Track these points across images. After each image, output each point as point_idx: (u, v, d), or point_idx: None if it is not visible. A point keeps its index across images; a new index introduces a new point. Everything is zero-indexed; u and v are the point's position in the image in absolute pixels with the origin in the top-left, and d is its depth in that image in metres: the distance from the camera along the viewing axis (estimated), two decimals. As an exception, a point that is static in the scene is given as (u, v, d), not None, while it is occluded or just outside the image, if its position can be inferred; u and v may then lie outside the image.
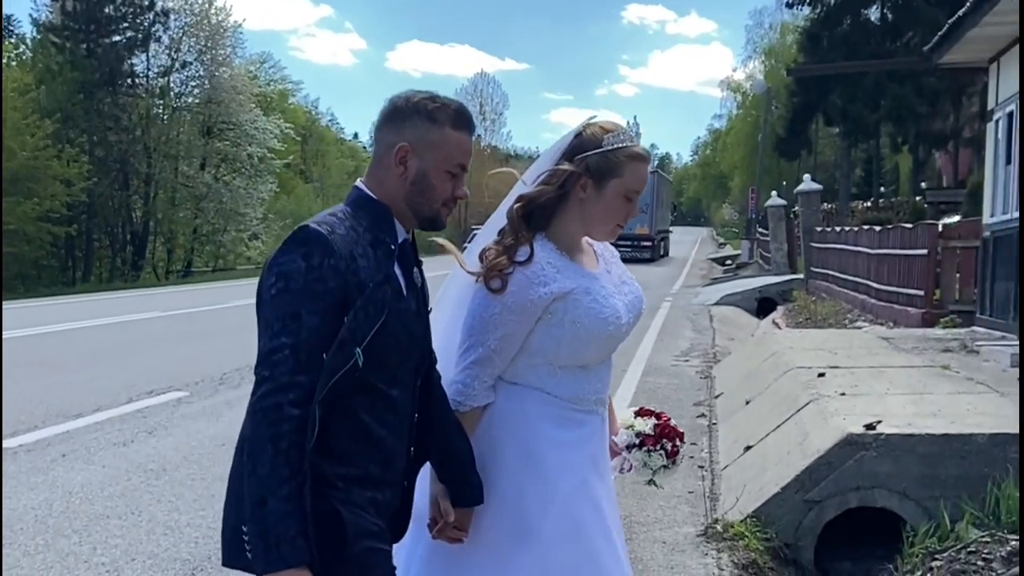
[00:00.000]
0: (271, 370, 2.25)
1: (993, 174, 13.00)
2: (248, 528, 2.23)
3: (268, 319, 2.30)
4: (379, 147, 2.53)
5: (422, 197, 2.49)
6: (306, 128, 76.86)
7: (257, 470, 2.21)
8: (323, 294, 2.29)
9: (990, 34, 12.04)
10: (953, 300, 14.71)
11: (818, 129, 51.43)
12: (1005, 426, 6.28)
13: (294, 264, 2.29)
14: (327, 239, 2.33)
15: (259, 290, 2.38)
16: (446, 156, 2.49)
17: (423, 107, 2.49)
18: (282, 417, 2.21)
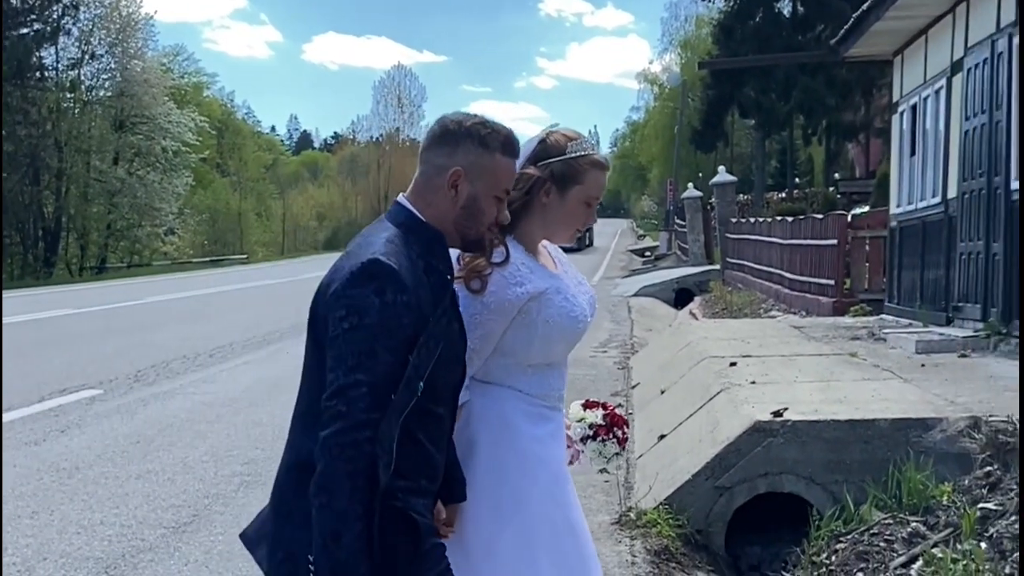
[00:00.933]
0: (348, 406, 2.26)
1: (899, 165, 13.33)
2: (318, 560, 2.26)
3: (342, 354, 2.29)
4: (428, 168, 2.54)
5: (471, 221, 2.53)
6: (222, 121, 75.78)
7: (332, 504, 2.24)
8: (396, 330, 2.32)
9: (894, 28, 12.33)
10: (863, 289, 15.07)
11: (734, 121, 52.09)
12: (908, 411, 6.47)
13: (367, 300, 2.31)
14: (399, 274, 2.35)
15: (322, 317, 2.38)
16: (496, 182, 2.54)
17: (476, 132, 2.53)
18: (359, 455, 2.24)
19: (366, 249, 2.39)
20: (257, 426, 8.84)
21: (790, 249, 18.27)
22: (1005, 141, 9.56)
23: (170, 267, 49.30)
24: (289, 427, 2.52)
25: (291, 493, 2.41)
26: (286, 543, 2.40)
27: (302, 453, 2.38)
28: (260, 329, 16.07)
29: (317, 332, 2.40)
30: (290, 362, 12.69)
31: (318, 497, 2.25)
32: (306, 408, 2.44)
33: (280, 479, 2.47)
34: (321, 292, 2.41)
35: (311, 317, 2.42)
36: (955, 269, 10.85)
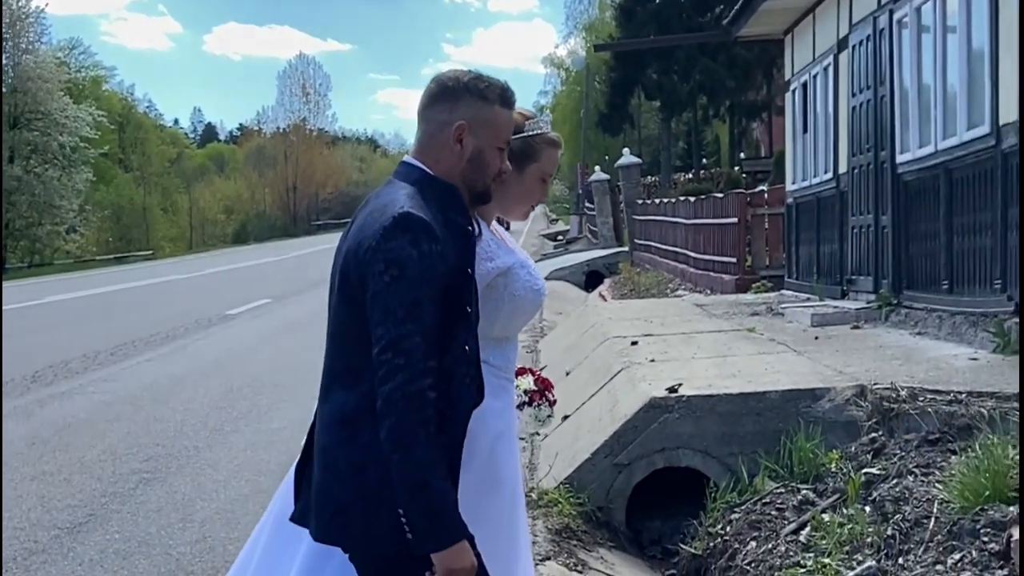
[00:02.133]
0: (406, 357, 2.33)
1: (792, 143, 13.58)
2: (410, 511, 2.34)
3: (388, 307, 2.35)
4: (430, 126, 2.61)
5: (477, 173, 2.61)
6: (123, 115, 74.34)
7: (412, 457, 2.31)
8: (435, 280, 2.39)
9: (783, 6, 12.55)
10: (764, 265, 15.33)
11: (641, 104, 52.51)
12: (798, 382, 6.63)
13: (405, 252, 2.37)
14: (431, 225, 2.42)
15: (356, 276, 2.44)
16: (497, 133, 2.62)
17: (474, 86, 2.60)
18: (426, 402, 2.33)
19: (391, 206, 2.45)
20: (159, 422, 8.75)
21: (694, 229, 18.52)
22: (889, 115, 9.80)
23: (73, 265, 48.23)
24: (325, 388, 2.56)
25: (338, 448, 2.47)
26: (335, 500, 2.46)
27: (346, 408, 2.45)
28: (163, 326, 15.83)
29: (351, 291, 2.45)
30: (194, 357, 12.59)
31: (396, 452, 2.32)
32: (345, 365, 2.49)
33: (323, 439, 2.52)
34: (351, 252, 2.46)
35: (342, 278, 2.48)
36: (848, 243, 11.11)
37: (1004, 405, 5.77)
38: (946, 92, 8.63)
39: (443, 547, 2.35)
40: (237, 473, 7.07)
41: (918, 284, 9.32)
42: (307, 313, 17.95)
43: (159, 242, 70.99)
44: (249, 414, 9.13)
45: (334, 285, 2.55)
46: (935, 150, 8.74)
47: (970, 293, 8.20)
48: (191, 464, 7.32)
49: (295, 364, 11.85)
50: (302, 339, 14.26)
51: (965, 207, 8.30)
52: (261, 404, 9.58)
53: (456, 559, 2.37)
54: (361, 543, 2.47)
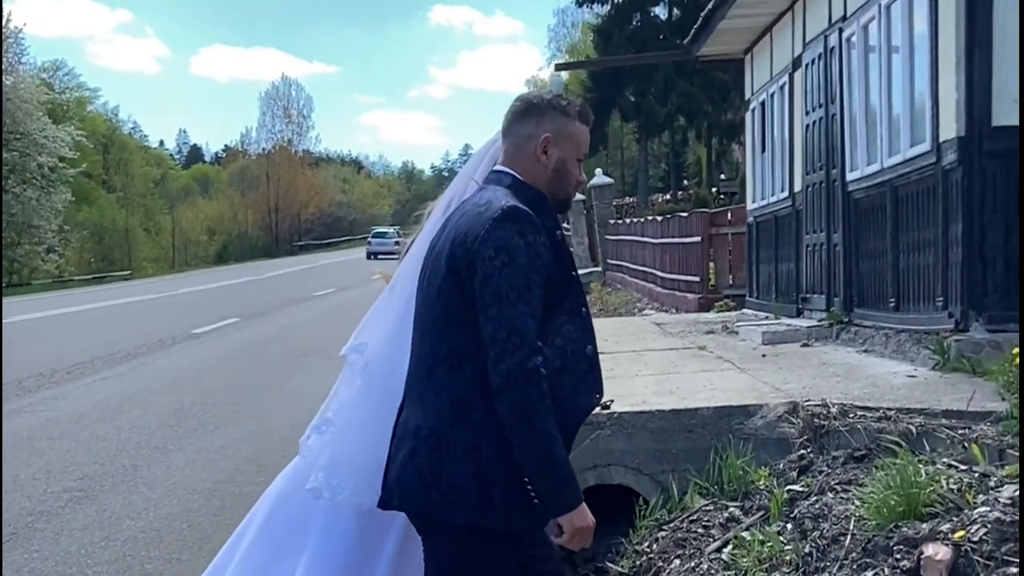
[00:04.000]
0: (520, 337, 2.51)
1: (752, 162, 13.60)
2: (537, 480, 2.56)
3: (499, 289, 2.53)
4: (518, 139, 2.83)
5: (561, 182, 2.82)
6: (106, 136, 74.33)
7: (535, 428, 2.50)
8: (541, 268, 2.60)
9: (740, 26, 12.59)
10: (728, 285, 15.34)
11: (623, 126, 52.65)
12: (732, 399, 6.59)
13: (513, 240, 2.56)
14: (533, 217, 2.61)
15: (464, 263, 2.60)
16: (577, 146, 2.85)
17: (556, 103, 2.84)
18: (542, 377, 2.51)
19: (496, 201, 2.64)
20: (101, 440, 8.67)
21: (661, 248, 18.52)
22: (839, 134, 9.82)
23: (51, 285, 48.00)
24: (423, 372, 2.70)
25: (450, 430, 2.62)
26: (446, 478, 2.62)
27: (455, 390, 2.62)
28: (125, 344, 15.73)
29: (458, 277, 2.62)
30: (150, 376, 12.50)
31: (519, 426, 2.51)
32: (449, 349, 2.64)
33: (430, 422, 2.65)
34: (458, 242, 2.63)
35: (449, 266, 2.63)
36: (803, 261, 11.11)
37: (932, 422, 5.75)
38: (891, 110, 8.65)
39: (570, 509, 2.60)
40: (170, 492, 7.00)
41: (868, 302, 9.32)
42: (274, 331, 17.94)
43: (141, 262, 70.75)
44: (195, 432, 9.06)
45: (436, 275, 2.70)
46: (881, 168, 8.76)
47: (915, 311, 8.20)
48: (125, 482, 7.25)
49: (250, 382, 11.77)
50: (263, 357, 14.23)
51: (910, 224, 8.31)
52: (209, 422, 9.50)
53: (581, 519, 2.65)
54: (475, 517, 2.61)
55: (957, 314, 7.38)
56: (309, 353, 14.25)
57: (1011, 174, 7.15)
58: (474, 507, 2.61)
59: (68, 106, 65.80)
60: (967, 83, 7.25)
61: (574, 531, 2.65)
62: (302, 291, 27.62)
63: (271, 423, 9.32)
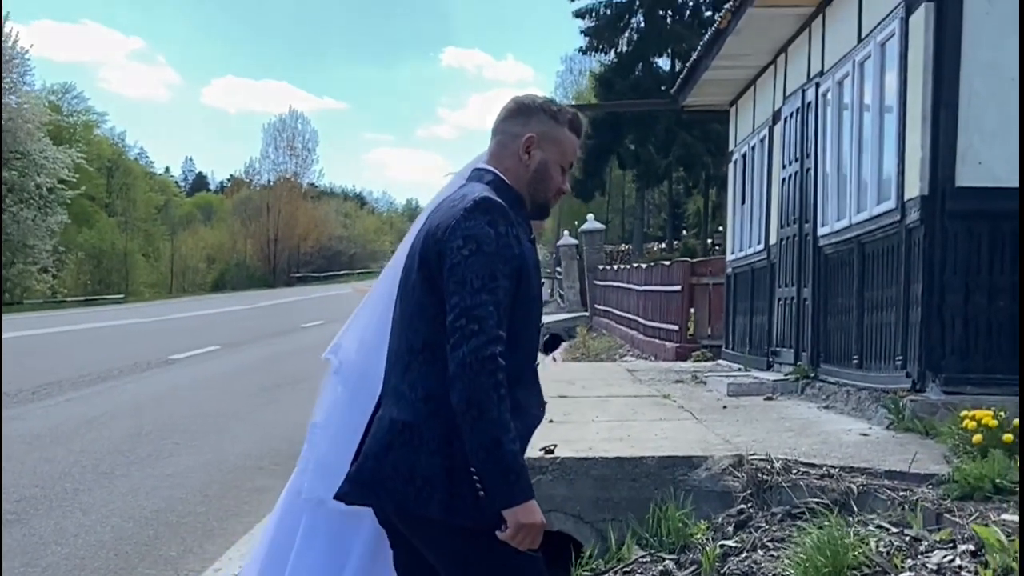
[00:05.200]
0: (480, 323, 2.47)
1: (732, 213, 13.56)
2: (483, 469, 2.48)
3: (464, 278, 2.50)
4: (504, 137, 2.83)
5: (540, 185, 2.80)
6: (112, 160, 74.59)
7: (485, 416, 2.44)
8: (510, 259, 2.56)
9: (724, 78, 12.60)
10: (706, 335, 15.27)
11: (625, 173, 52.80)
12: (680, 449, 6.50)
13: (482, 230, 2.54)
14: (507, 210, 2.60)
15: (434, 254, 2.59)
16: (562, 152, 2.83)
17: (547, 107, 2.84)
18: (498, 367, 2.45)
19: (471, 194, 2.63)
20: (48, 463, 8.55)
21: (644, 296, 18.47)
22: (812, 188, 9.78)
23: (42, 305, 47.92)
24: (399, 369, 2.68)
25: (424, 423, 2.60)
26: (421, 473, 2.59)
27: (429, 385, 2.59)
28: (98, 367, 15.63)
29: (429, 270, 2.61)
30: (114, 400, 12.40)
31: (468, 412, 2.45)
32: (423, 343, 2.62)
33: (405, 416, 2.63)
34: (430, 234, 2.62)
35: (420, 259, 2.63)
36: (775, 314, 11.04)
37: (873, 482, 5.67)
38: (860, 166, 8.62)
39: (514, 503, 2.49)
40: (105, 519, 6.87)
41: (833, 358, 9.24)
42: (253, 360, 17.84)
43: (139, 287, 70.84)
44: (146, 458, 8.94)
45: (410, 271, 2.70)
46: (849, 224, 8.72)
47: (876, 369, 8.13)
48: (61, 507, 7.11)
49: (216, 411, 11.66)
50: (235, 386, 14.13)
51: (874, 282, 8.25)
52: (164, 449, 9.38)
53: (526, 515, 2.52)
54: (446, 513, 2.56)
55: (914, 374, 7.31)
56: (283, 384, 14.15)
57: (973, 235, 7.11)
58: (445, 502, 2.57)
59: (74, 129, 66.12)
60: (932, 143, 7.23)
61: (518, 526, 2.53)
62: (290, 322, 27.47)
63: (227, 452, 9.20)
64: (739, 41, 11.10)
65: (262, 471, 8.39)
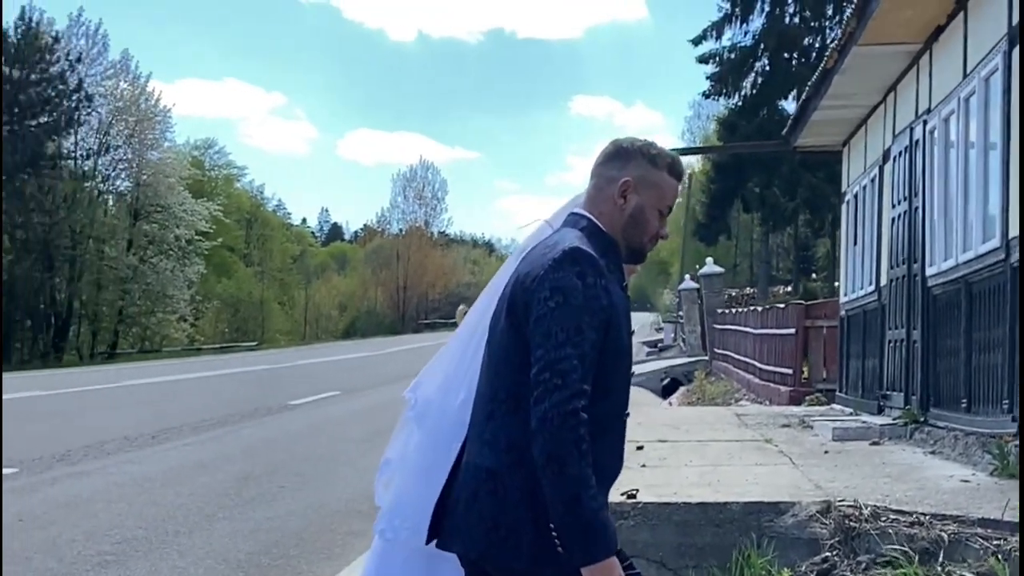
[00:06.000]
0: (563, 378, 2.42)
1: (845, 255, 13.28)
2: (562, 525, 2.43)
3: (549, 330, 2.47)
4: (600, 181, 2.78)
5: (635, 230, 2.73)
6: (250, 212, 76.90)
7: (565, 471, 2.39)
8: (598, 311, 2.51)
9: (834, 117, 12.38)
10: (821, 378, 14.91)
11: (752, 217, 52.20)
12: (768, 495, 6.34)
13: (570, 281, 2.50)
14: (597, 260, 2.56)
15: (522, 303, 2.57)
16: (660, 196, 2.76)
17: (646, 151, 2.77)
18: (580, 421, 2.40)
19: (562, 243, 2.59)
20: (154, 506, 8.77)
21: (760, 339, 18.16)
22: (921, 227, 9.52)
23: (180, 353, 49.51)
24: (484, 415, 2.66)
25: (508, 474, 2.57)
26: (507, 523, 2.55)
27: (512, 434, 2.55)
28: (219, 412, 16.05)
29: (516, 318, 2.57)
30: (230, 444, 12.71)
31: (549, 467, 2.41)
32: (508, 392, 2.59)
33: (489, 463, 2.61)
34: (519, 283, 2.60)
35: (509, 306, 2.61)
36: (885, 357, 10.74)
37: (965, 530, 5.44)
38: (967, 205, 8.36)
39: (594, 561, 2.42)
40: (199, 561, 7.01)
41: (943, 402, 8.93)
42: (369, 406, 18.07)
43: (274, 334, 72.67)
44: (251, 502, 9.11)
45: (499, 317, 2.67)
46: (956, 263, 8.45)
47: (983, 412, 7.83)
48: (160, 549, 7.29)
49: (326, 455, 11.86)
50: (348, 431, 14.33)
51: (981, 323, 7.97)
52: (268, 493, 9.56)
53: (606, 572, 2.44)
54: (530, 564, 2.53)
55: (1020, 418, 7.00)
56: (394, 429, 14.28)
57: (1079, 274, 6.81)
58: (531, 554, 2.54)
59: (216, 183, 68.52)
60: (1036, 177, 6.96)
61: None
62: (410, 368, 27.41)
63: (329, 497, 9.33)
64: (846, 80, 10.92)
65: (360, 515, 8.45)
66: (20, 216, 44.49)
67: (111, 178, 52.37)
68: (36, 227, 45.31)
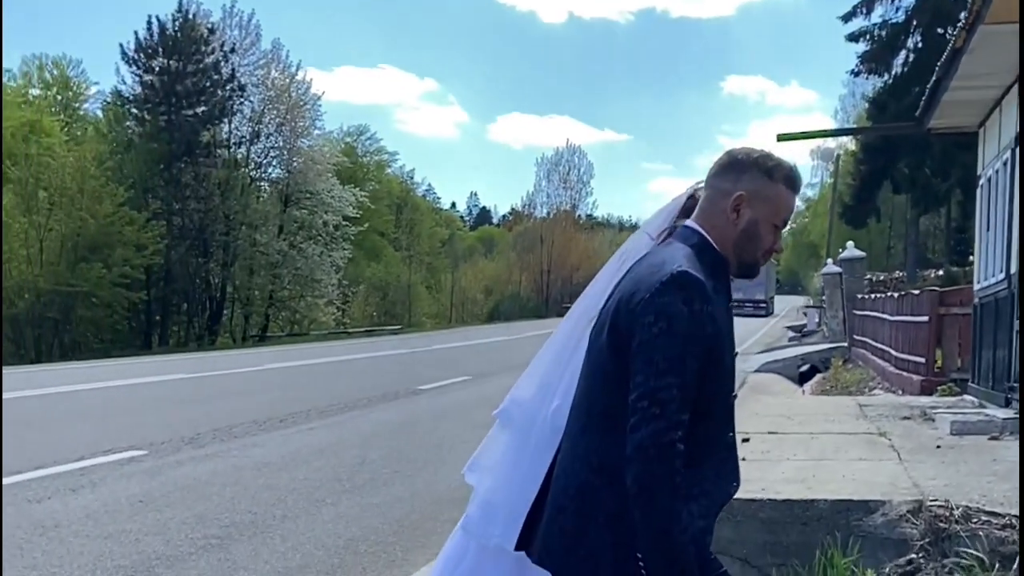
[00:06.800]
0: (662, 408, 2.41)
1: (979, 240, 12.77)
2: (649, 557, 2.43)
3: (652, 358, 2.45)
4: (713, 193, 2.71)
5: (749, 244, 2.68)
6: (400, 197, 78.10)
7: (656, 504, 2.39)
8: (702, 339, 2.47)
9: (966, 99, 11.90)
10: (955, 368, 14.38)
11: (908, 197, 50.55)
12: (861, 492, 6.19)
13: (676, 307, 2.46)
14: (704, 286, 2.51)
15: (625, 324, 2.53)
16: (775, 210, 2.69)
17: (762, 163, 2.69)
18: (676, 453, 2.40)
19: (670, 263, 2.54)
20: (268, 490, 9.03)
21: (895, 326, 17.60)
22: (1049, 213, 9.09)
23: (327, 336, 50.74)
24: (578, 428, 2.66)
25: (595, 493, 2.56)
26: (589, 542, 2.56)
27: (604, 454, 2.54)
28: (349, 396, 16.41)
29: (619, 338, 2.53)
30: (353, 429, 12.99)
31: (641, 497, 2.39)
32: (603, 410, 2.57)
33: (579, 480, 2.61)
34: (624, 301, 2.55)
35: (611, 325, 2.56)
36: (1014, 347, 10.30)
37: (1057, 535, 5.21)
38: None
39: None
40: (299, 546, 7.20)
41: (1069, 396, 8.52)
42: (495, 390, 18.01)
43: (420, 318, 73.73)
44: (361, 487, 9.31)
45: (600, 332, 2.62)
46: (1081, 251, 8.03)
47: (1105, 409, 7.43)
48: (264, 533, 7.51)
49: (442, 442, 12.02)
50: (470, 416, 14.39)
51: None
52: (380, 478, 9.75)
53: None
54: None
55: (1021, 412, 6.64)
56: (517, 415, 14.35)
57: None
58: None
59: (367, 169, 69.86)
60: None
61: None
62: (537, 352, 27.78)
63: (436, 484, 9.46)
64: (975, 60, 10.46)
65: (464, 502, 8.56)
66: (177, 203, 46.25)
67: (263, 165, 53.96)
68: (192, 214, 47.04)
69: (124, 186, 41.37)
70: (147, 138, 45.76)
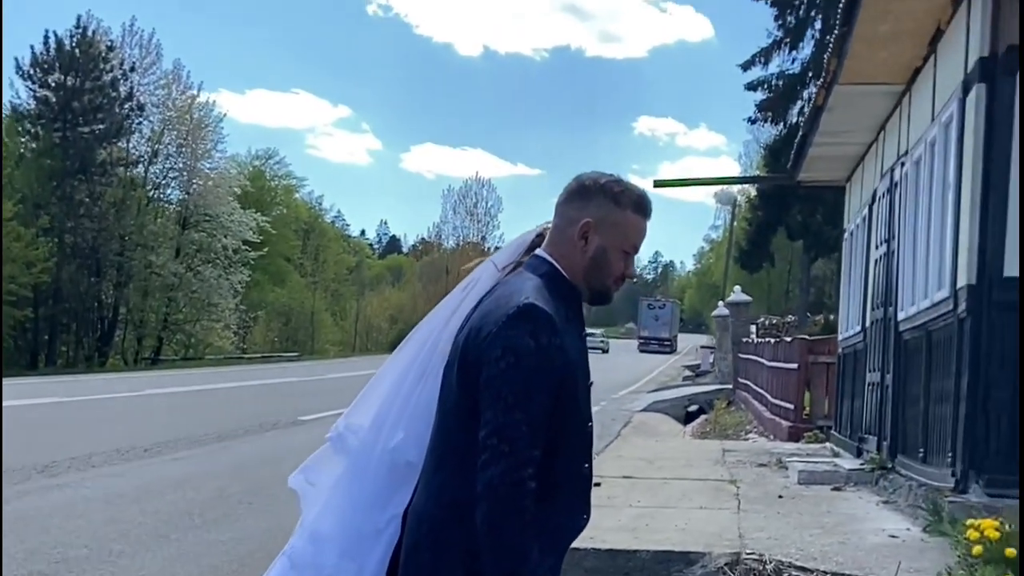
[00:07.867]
0: (511, 445, 2.36)
1: (843, 292, 13.12)
2: None
3: (499, 392, 2.40)
4: (561, 220, 2.66)
5: (598, 272, 2.63)
6: (308, 223, 77.46)
7: (504, 543, 2.34)
8: (550, 372, 2.42)
9: (831, 154, 12.27)
10: (822, 415, 14.72)
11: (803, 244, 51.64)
12: (687, 543, 6.30)
13: (522, 341, 2.40)
14: (552, 318, 2.45)
15: (473, 359, 2.47)
16: (624, 236, 2.64)
17: (609, 189, 2.64)
18: (526, 492, 2.35)
19: (517, 295, 2.49)
20: (112, 524, 8.83)
21: (771, 371, 17.99)
22: (896, 271, 9.39)
23: (221, 361, 49.98)
24: (432, 464, 2.60)
25: (449, 530, 2.51)
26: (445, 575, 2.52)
27: (456, 492, 2.48)
28: (224, 425, 16.17)
29: (467, 373, 2.48)
30: (219, 460, 12.80)
31: (490, 535, 2.36)
32: (456, 447, 2.51)
33: (438, 515, 2.55)
34: (472, 336, 2.50)
35: (460, 359, 2.51)
36: (864, 399, 10.60)
37: (857, 591, 5.36)
38: (928, 251, 8.24)
39: None
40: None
41: (908, 450, 8.81)
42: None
43: (324, 345, 73.06)
44: (211, 522, 9.16)
45: (451, 368, 2.58)
46: (919, 310, 8.33)
47: (934, 464, 7.71)
48: (95, 570, 7.33)
49: (308, 476, 11.88)
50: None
51: (937, 372, 7.86)
52: (235, 513, 9.61)
53: None
54: None
55: (958, 473, 6.88)
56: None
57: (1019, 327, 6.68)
58: None
59: (275, 192, 69.19)
60: (980, 229, 6.91)
61: None
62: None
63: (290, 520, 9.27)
64: (835, 118, 10.83)
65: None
66: (70, 221, 45.20)
67: (161, 186, 53.07)
68: (85, 232, 46.00)
69: (12, 201, 40.32)
70: (40, 153, 44.74)
